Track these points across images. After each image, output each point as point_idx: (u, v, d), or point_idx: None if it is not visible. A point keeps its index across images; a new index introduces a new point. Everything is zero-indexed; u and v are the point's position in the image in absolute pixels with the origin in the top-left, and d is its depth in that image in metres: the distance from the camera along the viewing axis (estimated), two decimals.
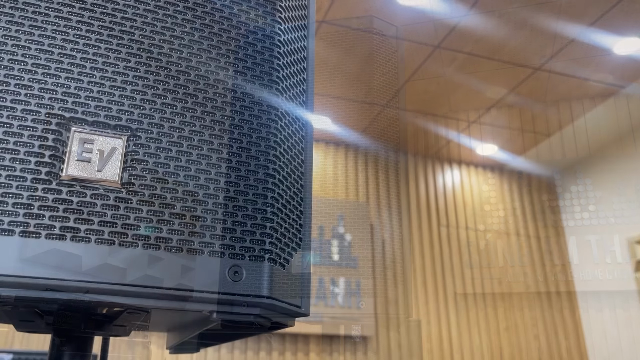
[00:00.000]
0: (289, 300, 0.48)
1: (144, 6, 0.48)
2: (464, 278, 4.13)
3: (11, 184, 0.40)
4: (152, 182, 0.44)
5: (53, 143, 0.42)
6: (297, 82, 0.58)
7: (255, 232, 0.46)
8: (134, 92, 0.45)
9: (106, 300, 0.40)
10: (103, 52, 0.46)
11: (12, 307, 0.47)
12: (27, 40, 0.44)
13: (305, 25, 0.61)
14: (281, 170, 0.49)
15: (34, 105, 0.42)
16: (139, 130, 0.45)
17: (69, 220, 0.40)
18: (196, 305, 0.43)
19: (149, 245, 0.42)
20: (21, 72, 0.43)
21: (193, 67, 0.48)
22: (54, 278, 0.38)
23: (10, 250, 0.38)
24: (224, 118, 0.48)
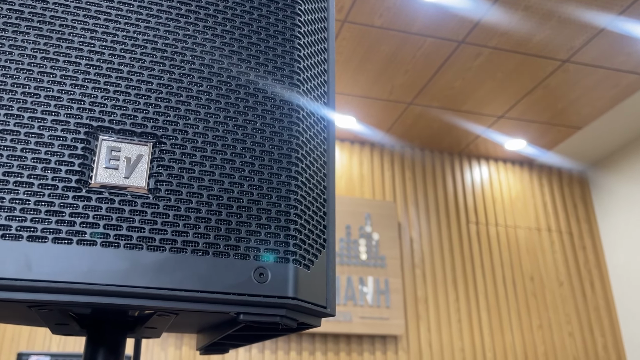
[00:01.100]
0: (315, 301, 0.48)
1: (166, 15, 0.50)
2: (495, 275, 4.08)
3: (43, 192, 0.41)
4: (177, 187, 0.45)
5: (82, 152, 0.43)
6: (319, 83, 0.58)
7: (279, 234, 0.46)
8: (158, 99, 0.47)
9: (135, 303, 0.41)
10: (127, 61, 0.47)
11: (48, 311, 0.48)
12: (55, 52, 0.45)
13: (326, 27, 0.61)
14: (304, 173, 0.50)
15: (63, 116, 0.44)
16: (164, 137, 0.46)
17: (99, 226, 0.42)
18: (223, 307, 0.43)
19: (175, 249, 0.43)
20: (50, 84, 0.44)
21: (215, 73, 0.49)
22: (85, 282, 0.39)
23: (43, 256, 0.39)
24: (246, 122, 0.48)
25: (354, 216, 3.81)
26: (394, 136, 4.14)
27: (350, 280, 3.61)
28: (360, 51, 3.17)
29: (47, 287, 0.39)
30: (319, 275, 0.50)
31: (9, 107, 0.43)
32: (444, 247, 4.06)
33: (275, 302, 0.44)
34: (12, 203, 0.40)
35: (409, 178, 4.21)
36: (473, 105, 3.71)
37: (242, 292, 0.43)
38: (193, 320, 0.60)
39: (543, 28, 2.95)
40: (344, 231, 3.75)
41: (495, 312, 3.96)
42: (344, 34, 3.03)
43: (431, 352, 3.72)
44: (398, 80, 3.44)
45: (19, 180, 0.41)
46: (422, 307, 3.82)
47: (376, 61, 3.26)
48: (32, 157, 0.42)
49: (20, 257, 0.39)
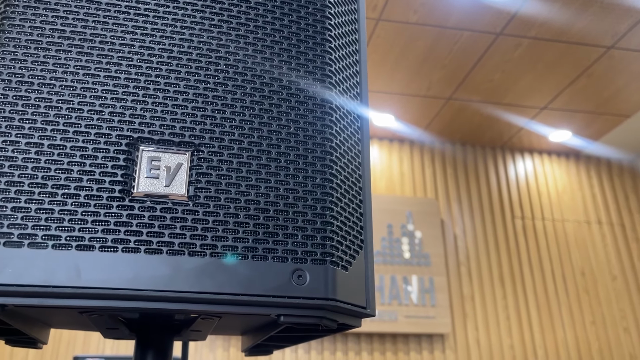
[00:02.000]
0: (354, 302, 0.49)
1: (199, 26, 0.51)
2: (544, 271, 3.97)
3: (89, 203, 0.43)
4: (216, 193, 0.46)
5: (124, 162, 0.45)
6: (353, 85, 0.58)
7: (316, 237, 0.47)
8: (195, 109, 0.48)
9: (179, 307, 0.42)
10: (164, 73, 0.49)
11: (98, 316, 0.50)
12: (96, 68, 0.47)
13: (357, 29, 0.62)
14: (339, 175, 0.50)
15: (105, 129, 0.46)
16: (202, 145, 0.47)
17: (142, 234, 0.43)
18: (263, 310, 0.44)
19: (216, 254, 0.44)
20: (92, 99, 0.46)
21: (248, 81, 0.50)
22: (131, 288, 0.41)
23: (91, 264, 0.41)
24: (280, 128, 0.49)
25: (395, 215, 3.78)
26: (433, 132, 4.10)
27: (394, 279, 3.59)
28: (396, 48, 3.15)
29: (95, 294, 0.40)
30: (357, 276, 0.50)
31: (55, 123, 0.45)
32: (489, 243, 3.98)
33: (314, 303, 0.45)
34: (61, 214, 0.42)
35: (450, 174, 4.15)
36: (514, 98, 3.63)
37: (282, 295, 0.44)
38: (236, 322, 0.61)
39: (584, 15, 2.86)
40: (385, 230, 3.73)
41: (545, 308, 3.86)
42: (378, 32, 3.02)
43: (479, 351, 3.65)
44: (435, 75, 3.40)
45: (67, 192, 0.43)
46: (469, 305, 3.76)
47: (412, 58, 3.23)
48: (77, 170, 0.44)
49: (70, 265, 0.41)
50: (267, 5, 0.54)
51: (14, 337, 0.57)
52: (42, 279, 0.40)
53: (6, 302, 0.39)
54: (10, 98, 0.45)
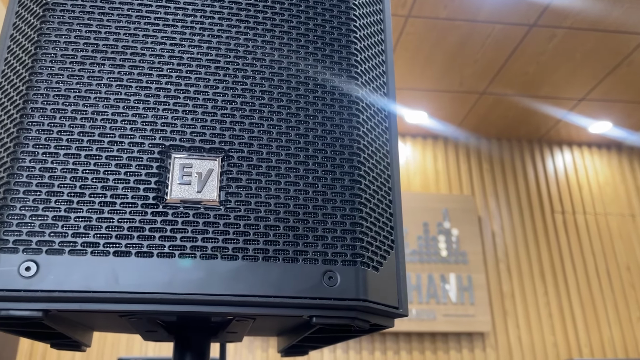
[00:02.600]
0: (386, 302, 0.49)
1: (226, 33, 0.52)
2: (587, 266, 3.87)
3: (125, 210, 0.45)
4: (246, 197, 0.47)
5: (157, 170, 0.46)
6: (380, 85, 0.59)
7: (345, 238, 0.47)
8: (224, 115, 0.49)
9: (213, 310, 0.43)
10: (193, 81, 0.50)
11: (137, 319, 0.52)
12: (128, 79, 0.49)
13: (382, 29, 0.62)
14: (367, 176, 0.51)
15: (138, 138, 0.47)
16: (231, 150, 0.48)
17: (176, 239, 0.44)
18: (295, 311, 0.45)
19: (248, 257, 0.45)
20: (126, 109, 0.48)
21: (275, 86, 0.51)
22: (166, 292, 0.42)
23: (128, 270, 0.42)
24: (307, 131, 0.50)
25: (431, 212, 3.75)
26: (467, 128, 4.04)
27: (431, 278, 3.55)
28: (427, 45, 3.12)
29: (132, 298, 0.42)
30: (388, 276, 0.50)
31: (91, 134, 0.46)
32: (528, 240, 3.90)
33: (346, 304, 0.45)
34: (98, 222, 0.44)
35: (486, 170, 4.08)
36: (551, 90, 3.55)
37: (313, 296, 0.45)
38: (271, 324, 0.62)
39: (621, 2, 2.78)
40: (421, 228, 3.70)
41: (589, 305, 3.76)
42: (408, 29, 3.00)
43: (522, 349, 3.58)
44: (468, 70, 3.35)
45: (103, 200, 0.45)
46: (509, 303, 3.70)
47: (444, 53, 3.20)
48: (113, 179, 0.45)
49: (108, 271, 0.42)
50: (291, 10, 0.54)
51: (58, 341, 0.59)
52: (82, 285, 0.41)
53: (49, 307, 0.41)
54: (49, 111, 0.47)
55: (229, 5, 0.53)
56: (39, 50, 0.49)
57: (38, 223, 0.43)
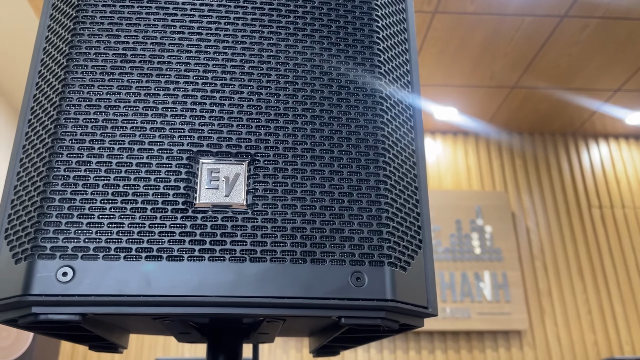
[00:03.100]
0: (415, 302, 0.49)
1: (250, 39, 0.53)
2: (627, 261, 3.76)
3: (155, 216, 0.46)
4: (273, 200, 0.47)
5: (186, 175, 0.47)
6: (405, 84, 0.59)
7: (372, 239, 0.47)
8: (249, 120, 0.50)
9: (243, 312, 0.44)
10: (219, 88, 0.51)
11: (170, 321, 0.53)
12: (155, 87, 0.50)
13: (406, 28, 0.62)
14: (392, 176, 0.51)
15: (167, 145, 0.48)
16: (258, 154, 0.49)
17: (205, 242, 0.45)
18: (324, 312, 0.45)
19: (276, 259, 0.45)
20: (154, 117, 0.49)
21: (299, 89, 0.51)
22: (197, 295, 0.43)
23: (159, 274, 0.44)
24: (332, 133, 0.50)
25: (464, 210, 3.70)
26: (499, 123, 3.97)
27: (465, 276, 3.51)
28: (455, 40, 3.09)
29: (164, 301, 0.43)
30: (417, 276, 0.50)
31: (121, 142, 0.48)
32: (564, 235, 3.82)
33: (374, 304, 0.45)
34: (130, 227, 0.45)
35: (519, 165, 4.01)
36: (584, 81, 3.46)
37: (341, 297, 0.45)
38: (302, 325, 0.63)
39: None
40: (453, 226, 3.66)
41: (630, 301, 3.65)
42: (435, 25, 2.97)
43: (560, 347, 3.51)
44: (497, 64, 3.30)
45: (135, 207, 0.46)
46: (546, 300, 3.62)
47: (472, 48, 3.16)
48: (143, 185, 0.47)
49: (140, 275, 0.43)
50: (314, 13, 0.55)
51: (96, 343, 0.61)
52: (116, 289, 0.43)
53: (86, 311, 0.43)
54: (81, 121, 0.48)
55: (252, 11, 0.54)
56: (70, 62, 0.50)
57: (73, 230, 0.45)
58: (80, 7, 0.52)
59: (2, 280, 0.45)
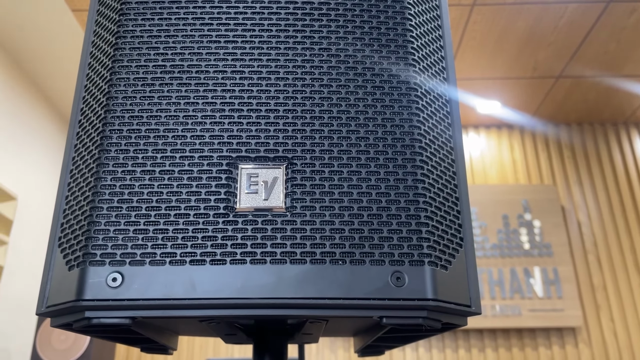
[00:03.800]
0: (457, 301, 0.48)
1: (284, 45, 0.54)
2: None
3: (198, 221, 0.47)
4: (311, 202, 0.48)
5: (226, 181, 0.49)
6: (441, 80, 0.58)
7: (411, 238, 0.47)
8: (286, 124, 0.51)
9: (285, 313, 0.45)
10: (255, 94, 0.52)
11: (216, 323, 0.55)
12: (195, 97, 0.52)
13: (440, 25, 0.61)
14: (430, 174, 0.50)
15: (207, 151, 0.50)
16: (295, 158, 0.50)
17: (247, 246, 0.46)
18: (365, 312, 0.46)
19: (315, 261, 0.46)
20: (194, 125, 0.50)
21: (333, 92, 0.52)
22: (240, 297, 0.44)
23: (203, 277, 0.45)
24: (367, 133, 0.50)
25: (510, 205, 3.62)
26: (544, 114, 3.87)
27: (514, 272, 3.43)
28: (495, 32, 3.03)
29: (209, 304, 0.44)
30: (458, 274, 0.50)
31: (163, 151, 0.49)
32: (619, 228, 3.68)
33: (415, 304, 0.45)
34: (174, 233, 0.47)
35: (568, 157, 3.89)
36: (635, 67, 3.33)
37: (382, 297, 0.45)
38: (345, 325, 0.63)
39: None
40: (500, 221, 3.58)
41: None
42: (474, 18, 2.91)
43: (618, 344, 3.38)
44: (541, 55, 3.21)
45: (178, 213, 0.47)
46: (601, 296, 3.50)
47: (514, 39, 3.08)
48: (186, 191, 0.48)
49: (185, 279, 0.45)
50: (346, 15, 0.55)
51: (147, 345, 0.63)
52: (163, 293, 0.44)
53: (135, 314, 0.44)
54: (125, 132, 0.50)
55: (285, 17, 0.55)
56: (113, 76, 0.52)
57: (121, 237, 0.46)
58: (121, 22, 0.55)
59: (57, 287, 0.48)
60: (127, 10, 0.55)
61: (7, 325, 3.03)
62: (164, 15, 0.55)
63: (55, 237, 0.51)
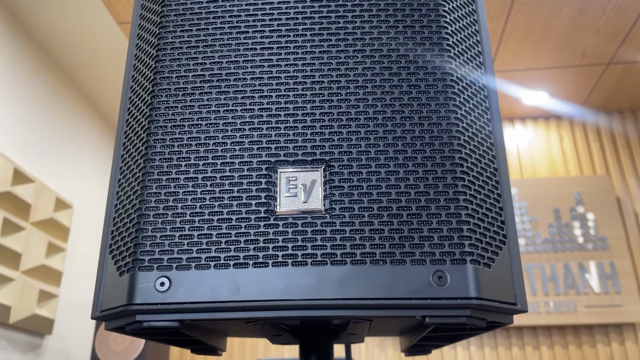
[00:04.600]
0: (501, 299, 0.48)
1: (319, 48, 0.54)
2: None
3: (240, 225, 0.48)
4: (350, 204, 0.48)
5: (266, 185, 0.50)
6: (478, 77, 0.57)
7: (452, 237, 0.47)
8: (322, 127, 0.51)
9: (327, 314, 0.45)
10: (292, 99, 0.53)
11: (262, 325, 0.56)
12: (233, 104, 0.53)
13: (476, 20, 0.60)
14: (470, 172, 0.50)
15: (247, 157, 0.51)
16: (332, 160, 0.50)
17: (288, 248, 0.47)
18: (407, 312, 0.46)
19: (356, 262, 0.46)
20: (233, 132, 0.52)
21: (369, 92, 0.52)
22: (282, 299, 0.45)
23: (247, 280, 0.46)
24: (404, 133, 0.50)
25: (562, 198, 3.51)
26: (594, 103, 3.73)
27: (568, 267, 3.32)
28: (539, 20, 2.94)
29: (253, 306, 0.45)
30: (502, 272, 0.49)
31: (205, 158, 0.51)
32: None
33: (458, 303, 0.45)
34: (218, 237, 0.48)
35: (622, 146, 3.74)
36: None
37: (424, 297, 0.45)
38: (389, 325, 0.63)
39: None
40: (552, 215, 3.47)
41: None
42: (517, 8, 2.84)
43: None
44: (589, 41, 3.10)
45: (221, 218, 0.49)
46: None
47: (559, 27, 2.99)
48: (228, 197, 0.49)
49: (230, 282, 0.46)
50: (380, 15, 0.55)
51: (197, 347, 0.65)
52: (208, 296, 0.46)
53: (183, 317, 0.46)
54: (168, 141, 0.52)
55: (319, 21, 0.55)
56: (155, 87, 0.54)
57: (167, 242, 0.48)
58: (161, 34, 0.56)
59: (110, 292, 0.50)
60: (166, 23, 0.57)
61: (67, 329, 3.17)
62: (202, 25, 0.56)
63: (106, 245, 0.53)
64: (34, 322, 2.76)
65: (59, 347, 3.06)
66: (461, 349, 3.31)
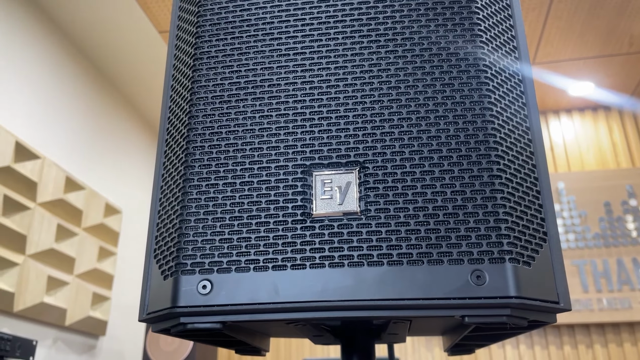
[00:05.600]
0: (543, 297, 0.47)
1: (351, 51, 0.55)
2: None
3: (278, 228, 0.49)
4: (385, 205, 0.49)
5: (302, 188, 0.50)
6: (515, 72, 0.57)
7: (490, 236, 0.46)
8: (356, 129, 0.52)
9: (364, 315, 0.46)
10: (325, 102, 0.53)
11: (302, 325, 0.56)
12: (268, 110, 0.54)
13: (510, 15, 0.59)
14: (507, 169, 0.49)
15: (282, 161, 0.52)
16: (366, 162, 0.50)
17: (324, 250, 0.48)
18: (446, 312, 0.46)
19: (393, 262, 0.47)
20: (269, 137, 0.53)
21: (402, 93, 0.52)
22: (320, 300, 0.46)
23: (285, 282, 0.47)
24: (439, 132, 0.50)
25: (613, 190, 3.39)
26: None
27: (621, 262, 3.20)
28: (584, 8, 2.85)
29: (292, 307, 0.46)
30: (543, 270, 0.48)
31: (242, 163, 0.52)
32: None
33: (498, 302, 0.45)
34: (257, 240, 0.49)
35: None
36: None
37: (462, 296, 0.45)
38: (430, 324, 0.63)
39: None
40: (602, 209, 3.36)
41: None
42: None
43: None
44: (636, 28, 2.98)
45: (259, 221, 0.50)
46: None
47: (604, 15, 2.89)
48: (265, 200, 0.50)
49: (269, 284, 0.47)
50: (411, 15, 0.55)
51: (240, 347, 0.67)
52: (249, 298, 0.47)
53: (225, 319, 0.47)
54: (207, 148, 0.53)
55: (351, 24, 0.56)
56: (193, 96, 0.56)
57: (208, 246, 0.50)
58: (197, 44, 0.58)
59: (155, 295, 0.52)
60: (202, 33, 0.59)
61: (120, 330, 3.28)
62: (236, 34, 0.58)
63: (150, 249, 0.55)
64: (88, 324, 2.86)
65: (113, 348, 3.17)
66: (510, 347, 3.24)
